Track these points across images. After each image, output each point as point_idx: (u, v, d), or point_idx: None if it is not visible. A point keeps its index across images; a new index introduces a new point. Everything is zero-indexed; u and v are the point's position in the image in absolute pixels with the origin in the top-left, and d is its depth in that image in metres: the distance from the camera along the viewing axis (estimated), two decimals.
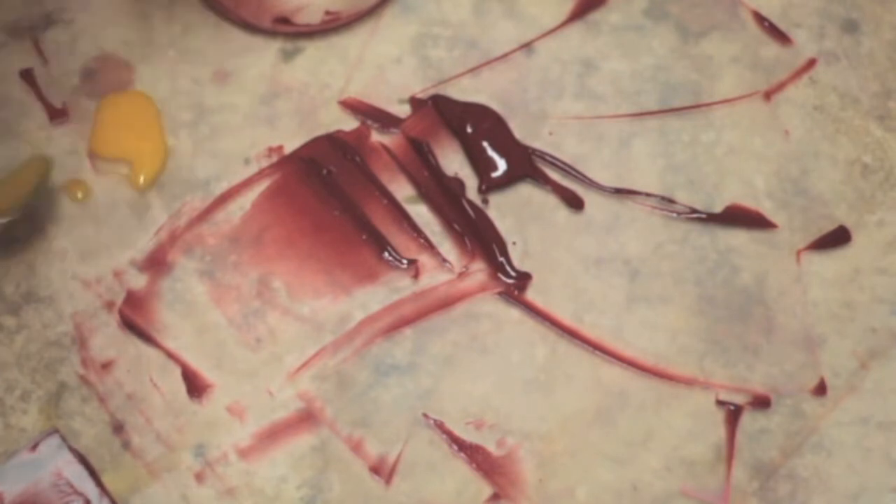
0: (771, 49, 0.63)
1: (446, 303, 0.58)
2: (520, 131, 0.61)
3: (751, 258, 0.59)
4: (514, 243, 0.60)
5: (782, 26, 0.64)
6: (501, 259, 0.59)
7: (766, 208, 0.60)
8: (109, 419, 0.56)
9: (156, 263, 0.59)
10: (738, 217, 0.60)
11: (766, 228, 0.60)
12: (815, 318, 0.58)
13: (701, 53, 0.63)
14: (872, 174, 0.61)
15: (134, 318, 0.58)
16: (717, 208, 0.60)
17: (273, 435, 0.56)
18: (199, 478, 0.56)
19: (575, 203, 0.60)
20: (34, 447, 0.55)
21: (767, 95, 0.62)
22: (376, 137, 0.61)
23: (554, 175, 0.61)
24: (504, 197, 0.60)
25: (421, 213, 0.60)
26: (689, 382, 0.57)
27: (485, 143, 0.61)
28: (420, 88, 0.62)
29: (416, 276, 0.59)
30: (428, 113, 0.62)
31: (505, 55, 0.63)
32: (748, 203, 0.60)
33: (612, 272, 0.59)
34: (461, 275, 0.59)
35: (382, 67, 0.63)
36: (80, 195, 0.60)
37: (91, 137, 0.61)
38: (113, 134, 0.61)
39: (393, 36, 0.63)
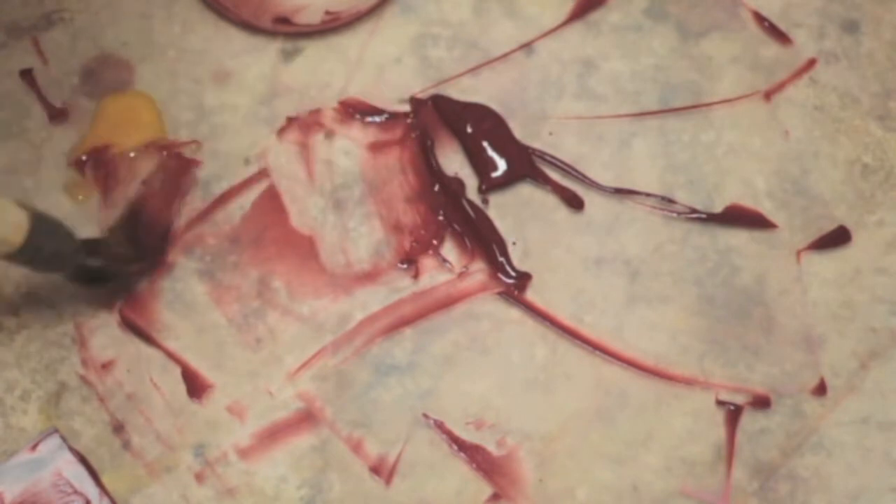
0: (771, 49, 0.63)
1: (446, 303, 0.58)
2: (520, 131, 0.61)
3: (751, 258, 0.59)
4: (514, 243, 0.60)
5: (782, 26, 0.64)
6: (501, 259, 0.59)
7: (766, 208, 0.60)
8: (109, 419, 0.56)
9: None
10: (738, 217, 0.60)
11: (766, 228, 0.60)
12: (815, 318, 0.58)
13: (701, 53, 0.63)
14: (872, 174, 0.61)
15: (134, 318, 0.58)
16: (717, 208, 0.60)
17: (273, 435, 0.56)
18: (199, 478, 0.56)
19: (575, 203, 0.60)
20: (34, 447, 0.55)
21: (767, 95, 0.62)
22: (376, 137, 0.61)
23: (554, 175, 0.61)
24: (504, 197, 0.60)
25: (421, 213, 0.60)
26: (689, 382, 0.57)
27: (485, 143, 0.61)
28: (420, 88, 0.62)
29: (416, 276, 0.59)
30: (428, 113, 0.62)
31: (505, 55, 0.63)
32: (748, 203, 0.60)
33: (612, 272, 0.59)
34: (461, 275, 0.59)
35: (382, 67, 0.63)
36: (80, 196, 0.60)
37: (90, 137, 0.61)
38: (113, 134, 0.61)
39: (393, 36, 0.63)
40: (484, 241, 0.59)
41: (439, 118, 0.62)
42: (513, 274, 0.59)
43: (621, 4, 0.64)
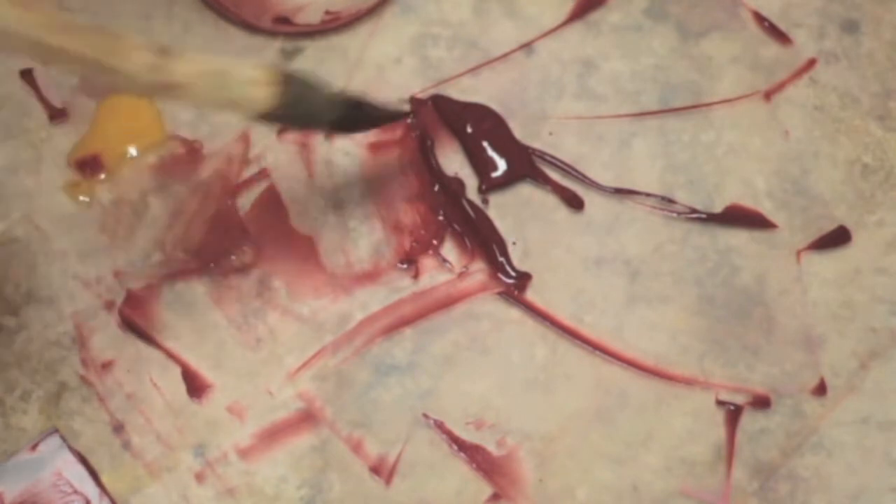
0: (771, 49, 0.63)
1: (446, 303, 0.58)
2: (520, 131, 0.61)
3: (751, 258, 0.59)
4: (514, 243, 0.60)
5: (782, 26, 0.64)
6: (501, 259, 0.59)
7: (766, 208, 0.60)
8: (109, 419, 0.56)
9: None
10: (738, 217, 0.60)
11: (766, 228, 0.60)
12: (815, 318, 0.58)
13: (701, 53, 0.63)
14: (872, 174, 0.61)
15: (134, 318, 0.58)
16: (717, 208, 0.60)
17: (273, 435, 0.56)
18: (199, 478, 0.56)
19: (575, 203, 0.60)
20: (34, 447, 0.55)
21: (767, 95, 0.62)
22: (377, 137, 0.61)
23: (554, 175, 0.61)
24: (504, 197, 0.60)
25: (421, 213, 0.60)
26: (689, 382, 0.57)
27: (485, 143, 0.61)
28: (420, 88, 0.62)
29: (416, 276, 0.59)
30: (428, 113, 0.62)
31: (505, 55, 0.63)
32: (748, 203, 0.60)
33: (612, 272, 0.59)
34: (461, 275, 0.59)
35: (382, 67, 0.63)
36: (80, 196, 0.60)
37: (91, 137, 0.61)
38: (113, 134, 0.61)
39: (393, 36, 0.63)
40: (484, 241, 0.59)
41: (439, 118, 0.62)
42: (513, 274, 0.59)
43: (621, 4, 0.64)
